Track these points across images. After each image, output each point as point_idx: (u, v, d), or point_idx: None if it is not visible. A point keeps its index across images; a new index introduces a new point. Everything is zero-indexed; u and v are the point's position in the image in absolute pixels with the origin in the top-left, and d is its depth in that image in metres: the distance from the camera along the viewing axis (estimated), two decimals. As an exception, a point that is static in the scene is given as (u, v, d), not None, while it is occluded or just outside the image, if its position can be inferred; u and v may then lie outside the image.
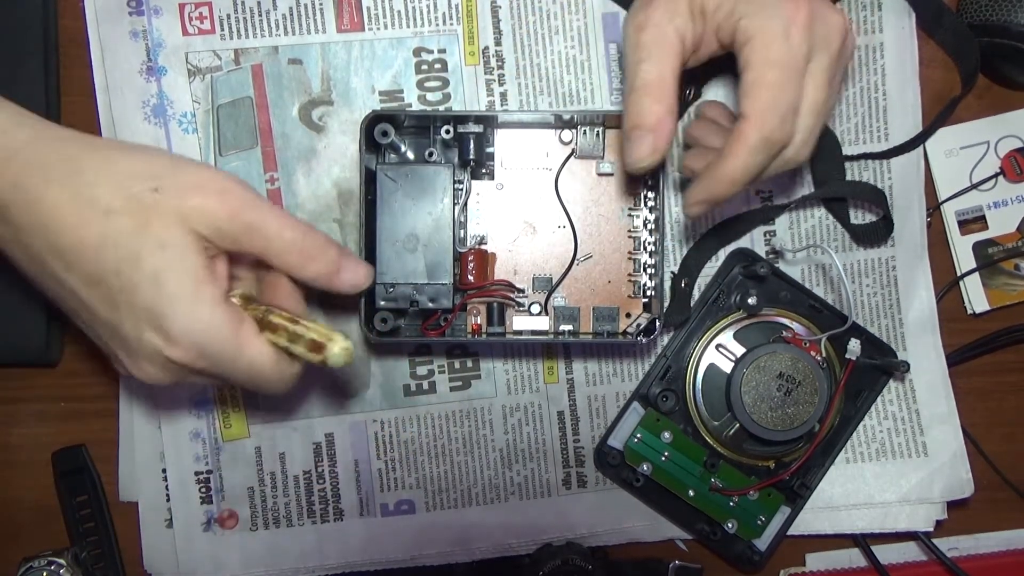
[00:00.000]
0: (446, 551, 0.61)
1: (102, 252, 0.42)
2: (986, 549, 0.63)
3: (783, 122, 0.46)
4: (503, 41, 0.60)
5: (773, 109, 0.46)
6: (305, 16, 0.59)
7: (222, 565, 0.60)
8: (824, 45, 0.47)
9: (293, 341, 0.46)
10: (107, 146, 0.44)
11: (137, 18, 0.58)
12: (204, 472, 0.60)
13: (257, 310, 0.46)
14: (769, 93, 0.46)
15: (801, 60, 0.46)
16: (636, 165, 0.48)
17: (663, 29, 0.47)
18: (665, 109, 0.47)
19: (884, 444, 0.61)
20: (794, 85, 0.46)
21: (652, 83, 0.47)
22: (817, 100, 0.47)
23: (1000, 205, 0.62)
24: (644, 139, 0.47)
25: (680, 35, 0.47)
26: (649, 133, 0.47)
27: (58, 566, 0.59)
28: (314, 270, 0.46)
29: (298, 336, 0.45)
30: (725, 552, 0.60)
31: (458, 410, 0.61)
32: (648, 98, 0.47)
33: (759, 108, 0.46)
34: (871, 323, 0.61)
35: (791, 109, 0.47)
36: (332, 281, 0.47)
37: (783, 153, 0.48)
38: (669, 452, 0.59)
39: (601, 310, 0.57)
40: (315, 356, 0.45)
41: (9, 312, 0.58)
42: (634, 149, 0.48)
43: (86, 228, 0.41)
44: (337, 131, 0.60)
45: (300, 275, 0.46)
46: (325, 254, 0.46)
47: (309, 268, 0.46)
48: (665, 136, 0.47)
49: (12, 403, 0.61)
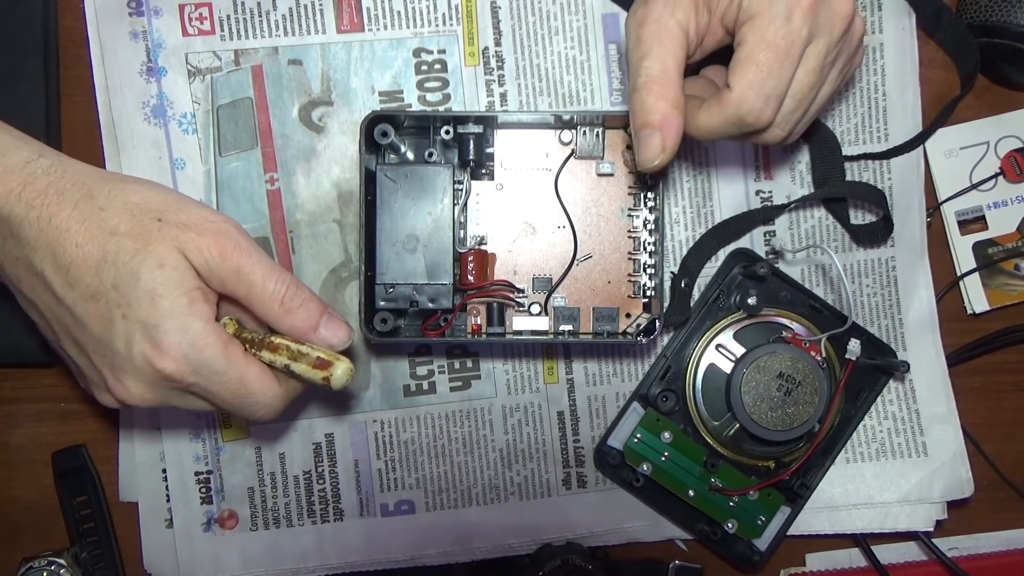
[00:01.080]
0: (446, 551, 0.61)
1: (103, 268, 0.44)
2: (986, 549, 0.63)
3: (765, 105, 0.46)
4: (503, 42, 0.60)
5: (757, 89, 0.46)
6: (305, 17, 0.59)
7: (222, 565, 0.60)
8: (826, 29, 0.46)
9: (295, 359, 0.47)
10: (120, 179, 0.47)
11: (137, 19, 0.58)
12: (204, 472, 0.60)
13: (256, 332, 0.48)
14: (757, 74, 0.46)
15: (798, 44, 0.46)
16: (647, 165, 0.48)
17: (665, 23, 0.47)
18: (670, 105, 0.46)
19: (884, 444, 0.61)
20: (785, 70, 0.46)
21: (655, 79, 0.46)
22: (804, 85, 0.47)
23: (1000, 205, 0.62)
24: (652, 137, 0.47)
25: (683, 28, 0.47)
26: (656, 131, 0.47)
27: (58, 566, 0.59)
28: (291, 323, 0.48)
29: (302, 355, 0.47)
30: (725, 552, 0.60)
31: (458, 410, 0.61)
32: (652, 95, 0.46)
33: (743, 85, 0.46)
34: (871, 323, 0.61)
35: (776, 94, 0.46)
36: (309, 336, 0.48)
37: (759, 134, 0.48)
38: (669, 452, 0.59)
39: (601, 310, 0.57)
40: (319, 374, 0.47)
41: (9, 312, 0.58)
42: (644, 148, 0.47)
43: (91, 245, 0.44)
44: (337, 131, 0.60)
45: (279, 326, 0.48)
46: (305, 309, 0.48)
47: (286, 320, 0.47)
48: (673, 133, 0.47)
49: (12, 403, 0.61)
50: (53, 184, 0.45)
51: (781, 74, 0.46)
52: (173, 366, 0.44)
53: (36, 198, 0.44)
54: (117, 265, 0.44)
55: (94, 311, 0.45)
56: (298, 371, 0.48)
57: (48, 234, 0.44)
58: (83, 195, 0.45)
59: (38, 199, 0.44)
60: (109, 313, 0.44)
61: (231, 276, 0.46)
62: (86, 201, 0.45)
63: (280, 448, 0.61)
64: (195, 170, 0.59)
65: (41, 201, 0.44)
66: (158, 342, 0.44)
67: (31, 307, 0.48)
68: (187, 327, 0.44)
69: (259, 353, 0.48)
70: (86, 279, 0.44)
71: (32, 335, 0.59)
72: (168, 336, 0.44)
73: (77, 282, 0.44)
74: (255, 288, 0.46)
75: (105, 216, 0.44)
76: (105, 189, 0.45)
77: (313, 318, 0.48)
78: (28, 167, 0.45)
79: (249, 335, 0.48)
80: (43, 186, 0.45)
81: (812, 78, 0.47)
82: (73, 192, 0.45)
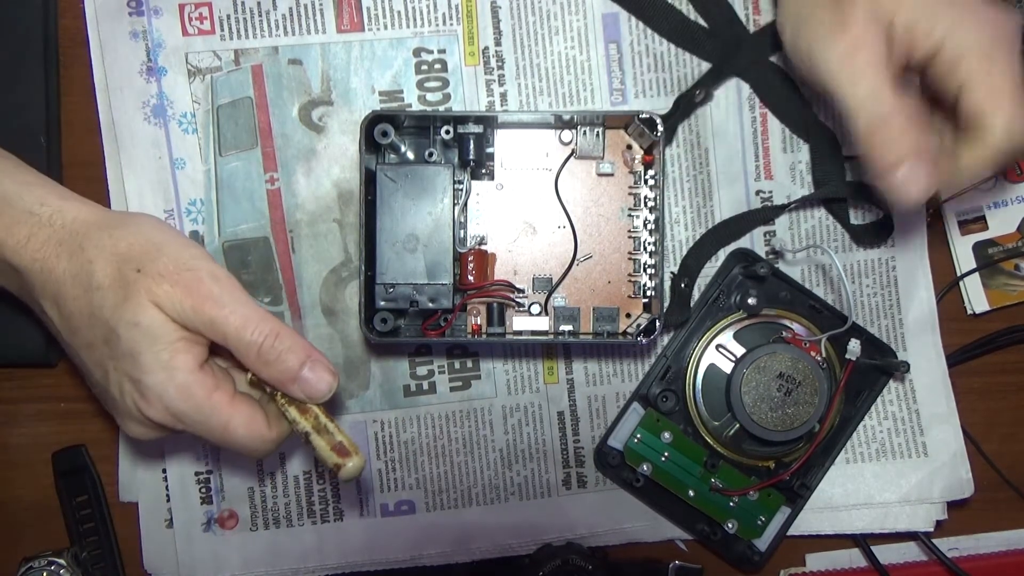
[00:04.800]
0: (446, 551, 0.61)
1: (93, 322, 0.46)
2: (986, 549, 0.63)
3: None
4: (503, 41, 0.60)
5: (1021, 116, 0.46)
6: (305, 16, 0.59)
7: (222, 565, 0.60)
8: None
9: (318, 432, 0.48)
10: (112, 225, 0.47)
11: (137, 18, 0.58)
12: (204, 472, 0.60)
13: None
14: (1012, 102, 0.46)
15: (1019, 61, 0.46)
16: (920, 198, 0.47)
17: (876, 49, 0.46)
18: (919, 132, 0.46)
19: (884, 444, 0.61)
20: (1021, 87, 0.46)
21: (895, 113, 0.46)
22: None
23: (1000, 205, 0.62)
24: (914, 172, 0.46)
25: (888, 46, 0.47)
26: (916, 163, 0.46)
27: (58, 566, 0.59)
28: (267, 375, 0.48)
29: (326, 431, 0.48)
30: (725, 552, 0.60)
31: (458, 410, 0.61)
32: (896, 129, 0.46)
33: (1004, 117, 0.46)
34: (871, 323, 0.61)
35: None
36: (287, 388, 0.48)
37: None
38: (669, 452, 0.59)
39: (601, 310, 0.57)
40: (333, 457, 0.47)
41: (9, 312, 0.58)
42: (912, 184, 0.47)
43: (82, 300, 0.46)
44: (337, 131, 0.60)
45: (258, 375, 0.48)
46: (281, 362, 0.47)
47: (263, 372, 0.48)
48: (929, 157, 0.46)
49: (12, 403, 0.61)
50: (54, 235, 0.46)
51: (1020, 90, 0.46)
52: (159, 415, 0.46)
53: (39, 250, 0.46)
54: (101, 321, 0.45)
55: (92, 359, 0.47)
56: (315, 444, 0.48)
57: (50, 287, 0.46)
58: (76, 247, 0.46)
59: (40, 251, 0.46)
60: (104, 364, 0.46)
61: (206, 327, 0.46)
62: (78, 254, 0.46)
63: (280, 448, 0.61)
64: (195, 170, 0.59)
65: (43, 254, 0.46)
66: (144, 393, 0.46)
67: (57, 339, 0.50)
68: (168, 380, 0.45)
69: (287, 408, 0.48)
70: (83, 330, 0.46)
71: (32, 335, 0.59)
72: (151, 389, 0.45)
73: (77, 332, 0.47)
74: (230, 339, 0.46)
75: (93, 269, 0.45)
76: (96, 239, 0.46)
77: (291, 370, 0.47)
78: (32, 218, 0.47)
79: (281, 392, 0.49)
80: (45, 237, 0.46)
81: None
82: (69, 243, 0.46)
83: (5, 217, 0.46)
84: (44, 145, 0.58)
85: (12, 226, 0.46)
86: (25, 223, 0.46)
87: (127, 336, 0.45)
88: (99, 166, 0.59)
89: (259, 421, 0.48)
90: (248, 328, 0.46)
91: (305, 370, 0.47)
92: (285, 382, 0.47)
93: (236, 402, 0.47)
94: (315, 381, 0.48)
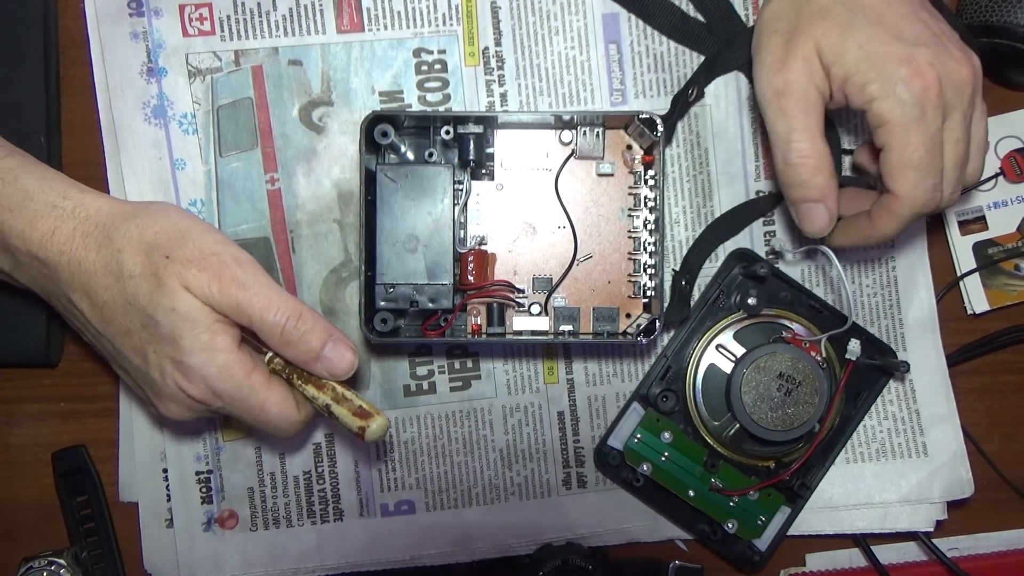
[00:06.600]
0: (446, 551, 0.61)
1: (128, 310, 0.47)
2: (986, 549, 0.63)
3: (934, 192, 0.49)
4: (503, 42, 0.60)
5: (922, 186, 0.48)
6: (305, 17, 0.59)
7: (222, 565, 0.60)
8: (956, 101, 0.48)
9: (338, 402, 0.49)
10: (137, 214, 0.48)
11: (137, 19, 0.58)
12: (204, 472, 0.60)
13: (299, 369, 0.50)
14: (916, 173, 0.48)
15: (939, 132, 0.48)
16: (818, 235, 0.52)
17: (807, 93, 0.49)
18: (827, 176, 0.50)
19: (884, 444, 0.61)
20: (936, 158, 0.48)
21: (808, 153, 0.49)
22: (958, 154, 0.49)
23: (1000, 205, 0.62)
24: (816, 211, 0.51)
25: (822, 95, 0.49)
26: (820, 203, 0.50)
27: (58, 566, 0.59)
28: (290, 355, 0.49)
29: (345, 399, 0.49)
30: (725, 552, 0.60)
31: (458, 410, 0.61)
32: (808, 170, 0.50)
33: (907, 187, 0.48)
34: (871, 323, 0.61)
35: (937, 179, 0.48)
36: (310, 367, 0.49)
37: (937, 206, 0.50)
38: (669, 452, 0.59)
39: (601, 310, 0.57)
40: (356, 422, 0.49)
41: (9, 312, 0.58)
42: (810, 220, 0.51)
43: (115, 289, 0.47)
44: (337, 132, 0.60)
45: (283, 356, 0.49)
46: (303, 342, 0.48)
47: (286, 352, 0.49)
48: (834, 200, 0.50)
49: (12, 403, 0.61)
50: (79, 228, 0.47)
51: (934, 163, 0.48)
52: (200, 394, 0.47)
53: (65, 243, 0.47)
54: (137, 308, 0.46)
55: (130, 345, 0.48)
56: (337, 413, 0.49)
57: (80, 277, 0.47)
58: (104, 238, 0.47)
59: (67, 244, 0.47)
60: (143, 348, 0.47)
61: (232, 310, 0.47)
62: (106, 244, 0.47)
63: (280, 448, 0.61)
64: (195, 170, 0.59)
65: (70, 246, 0.47)
66: (186, 373, 0.47)
67: (79, 332, 0.51)
68: (210, 361, 0.47)
69: (304, 387, 0.50)
70: (118, 318, 0.47)
71: (32, 335, 0.59)
72: (194, 370, 0.47)
73: (111, 320, 0.47)
74: (255, 321, 0.47)
75: (123, 259, 0.46)
76: (123, 229, 0.47)
77: (313, 350, 0.48)
78: (55, 211, 0.47)
79: (298, 370, 0.50)
80: (70, 230, 0.47)
81: (961, 145, 0.49)
82: (96, 235, 0.47)
83: (28, 211, 0.47)
84: (44, 145, 0.58)
85: (35, 220, 0.47)
86: (48, 216, 0.47)
87: (166, 321, 0.46)
88: (99, 166, 0.59)
89: (291, 402, 0.50)
90: (271, 309, 0.47)
91: (327, 349, 0.49)
92: (308, 361, 0.49)
93: (272, 383, 0.49)
94: (337, 359, 0.49)
